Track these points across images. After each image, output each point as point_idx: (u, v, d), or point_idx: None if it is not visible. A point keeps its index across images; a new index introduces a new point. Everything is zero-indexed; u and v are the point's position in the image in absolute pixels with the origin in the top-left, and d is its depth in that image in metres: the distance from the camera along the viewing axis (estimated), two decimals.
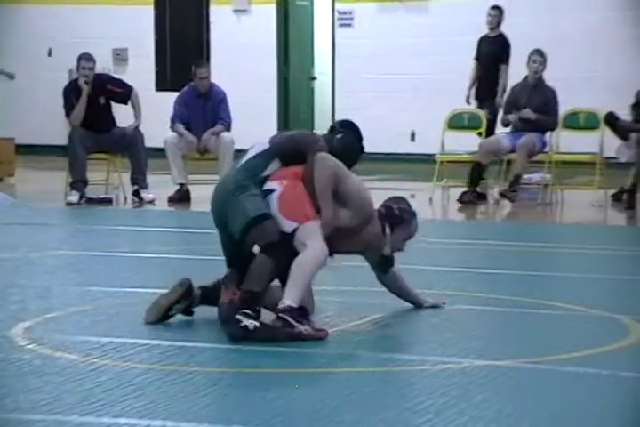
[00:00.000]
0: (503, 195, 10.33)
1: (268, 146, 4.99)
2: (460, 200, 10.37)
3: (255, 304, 4.80)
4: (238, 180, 4.88)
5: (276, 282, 4.94)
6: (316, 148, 4.94)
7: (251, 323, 4.69)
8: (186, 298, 4.99)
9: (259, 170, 4.92)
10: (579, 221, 9.45)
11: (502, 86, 11.45)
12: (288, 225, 4.83)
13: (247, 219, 4.79)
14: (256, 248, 4.95)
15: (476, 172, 10.44)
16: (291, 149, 4.96)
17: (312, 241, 4.79)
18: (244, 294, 4.83)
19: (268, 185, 4.92)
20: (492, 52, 11.59)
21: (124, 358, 4.39)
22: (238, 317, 4.73)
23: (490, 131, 11.51)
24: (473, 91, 11.63)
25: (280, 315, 4.75)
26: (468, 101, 11.75)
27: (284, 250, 4.80)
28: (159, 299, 5.00)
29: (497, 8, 11.88)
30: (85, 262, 6.84)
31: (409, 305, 5.41)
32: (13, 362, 4.33)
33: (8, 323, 4.97)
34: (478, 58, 11.71)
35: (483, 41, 11.75)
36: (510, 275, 6.43)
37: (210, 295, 5.03)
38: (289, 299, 4.77)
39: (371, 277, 5.40)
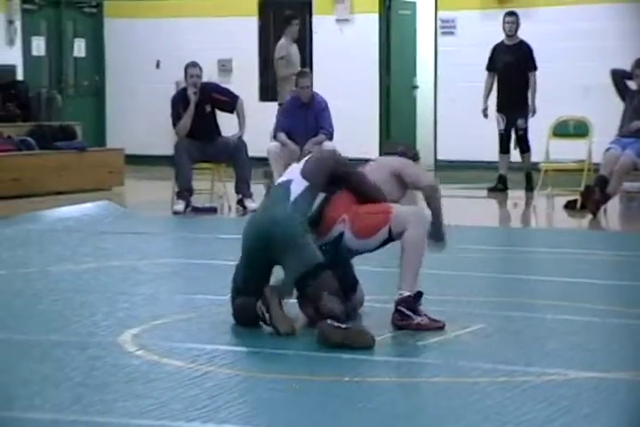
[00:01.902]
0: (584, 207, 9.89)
1: (306, 183, 5.12)
2: (566, 207, 10.21)
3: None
4: (291, 219, 4.97)
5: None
6: (344, 166, 5.28)
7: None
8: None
9: (308, 209, 5.09)
10: None
11: (534, 94, 11.23)
12: (382, 234, 5.05)
13: (307, 267, 4.87)
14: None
15: (601, 184, 9.67)
16: (327, 179, 5.18)
17: (410, 224, 5.02)
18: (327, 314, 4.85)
19: (335, 230, 5.07)
20: (516, 59, 11.28)
21: (229, 365, 4.46)
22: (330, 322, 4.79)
23: (526, 142, 11.33)
24: (490, 102, 11.43)
25: (398, 307, 4.91)
26: (485, 114, 11.54)
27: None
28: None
29: (513, 14, 11.64)
30: (191, 271, 6.96)
31: (511, 315, 5.37)
32: (122, 368, 4.43)
33: (116, 329, 5.09)
34: (493, 67, 11.37)
35: (500, 50, 11.39)
36: (618, 286, 6.33)
37: None
38: (406, 288, 4.96)
39: (472, 286, 5.37)
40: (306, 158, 5.35)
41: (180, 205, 10.14)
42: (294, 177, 5.20)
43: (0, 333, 5.08)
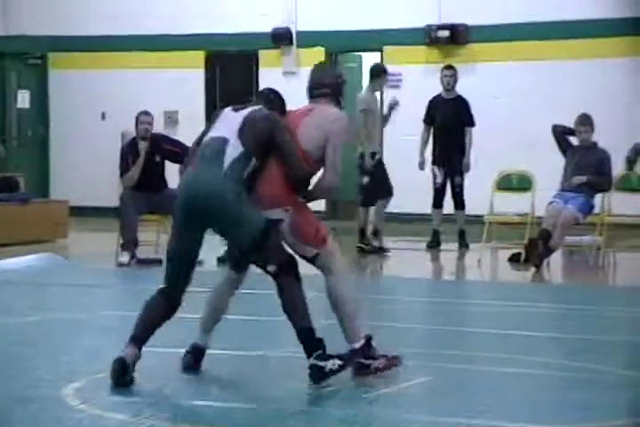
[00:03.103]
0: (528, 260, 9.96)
1: (242, 149, 5.07)
2: (511, 260, 10.30)
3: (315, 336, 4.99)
4: (230, 186, 5.01)
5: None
6: (281, 133, 5.17)
7: (333, 364, 4.94)
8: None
9: (241, 171, 5.07)
10: (632, 284, 9.37)
11: (469, 150, 11.30)
12: (309, 251, 5.16)
13: (256, 233, 5.00)
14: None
15: (544, 238, 9.74)
16: (263, 148, 5.13)
17: (337, 267, 5.18)
18: (304, 334, 4.98)
19: (273, 214, 5.09)
20: (454, 114, 11.36)
21: (172, 419, 4.42)
22: (315, 362, 4.93)
23: (462, 199, 11.42)
24: (427, 155, 11.56)
25: (357, 361, 5.02)
26: (422, 167, 11.65)
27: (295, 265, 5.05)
28: None
29: (451, 68, 11.80)
30: (134, 323, 6.89)
31: (455, 368, 5.40)
32: (64, 422, 4.38)
33: (59, 383, 5.03)
34: (429, 121, 11.45)
35: (438, 103, 11.46)
36: (561, 338, 6.38)
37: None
38: (354, 341, 5.10)
39: (417, 338, 5.39)
40: (245, 114, 5.17)
41: (125, 257, 10.08)
42: (230, 137, 5.11)
43: None
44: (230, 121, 5.19)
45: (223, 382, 5.19)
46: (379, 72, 11.41)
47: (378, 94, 11.74)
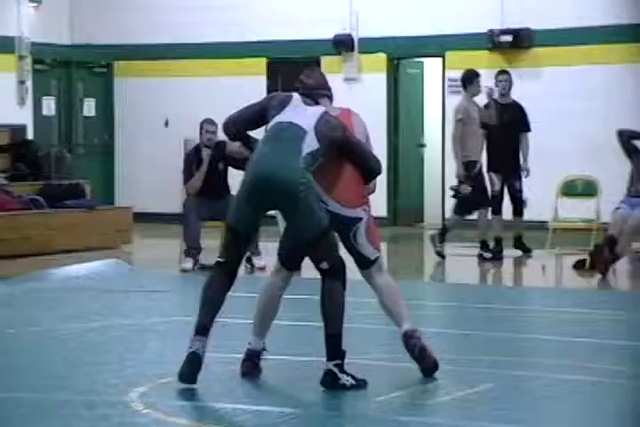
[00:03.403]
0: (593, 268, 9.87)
1: (317, 146, 5.22)
2: (576, 267, 10.19)
3: (341, 345, 5.07)
4: (304, 176, 5.14)
5: None
6: (354, 144, 5.43)
7: (347, 380, 4.99)
8: None
9: (312, 166, 5.21)
10: None
11: (526, 155, 11.10)
12: (373, 253, 5.39)
13: (319, 230, 5.12)
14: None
15: (610, 244, 9.65)
16: (333, 150, 5.31)
17: (384, 270, 5.47)
18: (332, 340, 5.04)
19: (355, 212, 5.32)
20: (510, 119, 11.17)
21: (237, 424, 4.44)
22: (333, 369, 4.99)
23: (521, 204, 11.22)
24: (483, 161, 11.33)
25: (415, 341, 5.25)
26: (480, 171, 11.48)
27: (344, 270, 5.22)
28: None
29: (506, 73, 11.63)
30: None
31: (519, 375, 5.35)
32: None
33: (124, 388, 5.08)
34: (484, 125, 11.16)
35: (492, 108, 11.27)
36: (627, 346, 6.29)
37: None
38: (411, 323, 5.32)
39: (480, 345, 5.34)
40: (319, 115, 5.33)
41: (189, 263, 10.15)
42: (309, 130, 5.25)
43: (8, 391, 5.08)
44: (303, 114, 5.33)
45: (283, 387, 5.21)
46: (470, 78, 11.16)
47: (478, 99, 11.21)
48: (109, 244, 12.18)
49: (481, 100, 11.39)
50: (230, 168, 10.47)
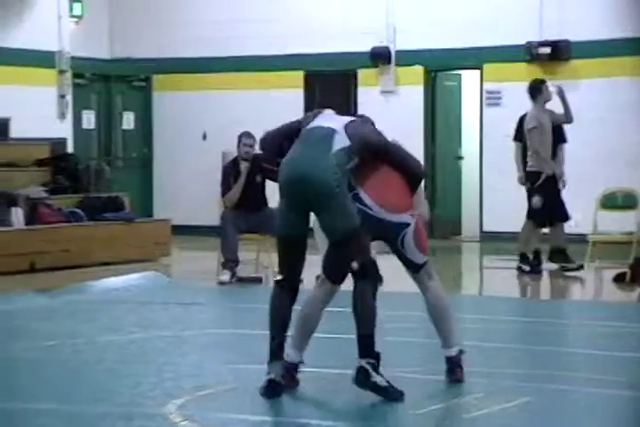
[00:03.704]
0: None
1: (349, 142, 5.24)
2: (616, 280, 10.11)
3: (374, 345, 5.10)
4: (336, 172, 5.14)
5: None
6: (389, 147, 5.43)
7: (381, 380, 5.04)
8: None
9: (345, 164, 5.20)
10: None
11: (562, 166, 10.93)
12: (421, 258, 5.43)
13: (351, 228, 5.14)
14: None
15: None
16: (369, 152, 5.32)
17: (435, 278, 5.51)
18: (364, 340, 5.08)
19: (400, 217, 5.32)
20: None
21: None
22: (366, 367, 5.04)
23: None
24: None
25: (458, 363, 5.30)
26: (522, 182, 11.31)
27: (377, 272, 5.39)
28: None
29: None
30: (237, 341, 6.97)
31: (557, 389, 5.32)
32: None
33: (162, 400, 5.10)
34: (521, 138, 11.06)
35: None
36: None
37: None
38: (456, 345, 5.38)
39: (518, 358, 5.31)
40: (351, 118, 5.41)
41: (226, 276, 10.18)
42: (338, 129, 5.29)
43: (47, 403, 5.12)
44: (335, 118, 5.39)
45: (321, 400, 5.20)
46: (538, 87, 10.99)
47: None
48: (148, 256, 12.25)
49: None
50: (268, 181, 10.51)
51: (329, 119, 5.37)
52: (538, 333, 7.44)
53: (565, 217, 10.84)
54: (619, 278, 10.07)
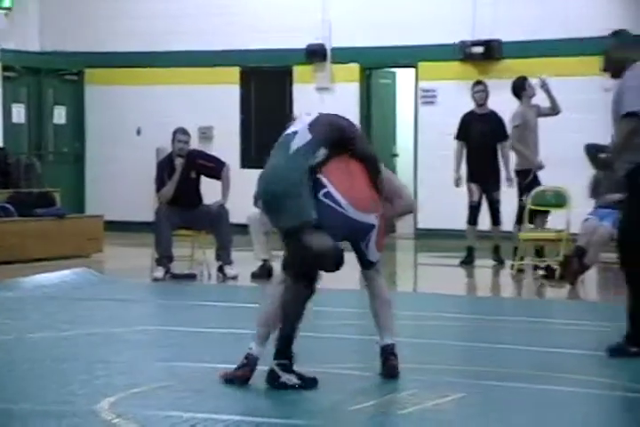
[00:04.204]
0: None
1: (310, 136, 5.27)
2: (546, 277, 10.23)
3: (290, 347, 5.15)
4: (294, 167, 5.18)
5: None
6: (357, 133, 5.42)
7: (289, 379, 5.11)
8: None
9: (309, 159, 5.22)
10: None
11: (508, 164, 11.15)
12: (377, 256, 5.43)
13: (299, 221, 5.14)
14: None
15: (579, 255, 9.66)
16: (334, 139, 5.31)
17: (382, 274, 5.54)
18: (282, 340, 5.16)
19: (369, 218, 5.29)
20: (489, 129, 11.22)
21: None
22: (275, 369, 5.12)
23: (498, 214, 11.23)
24: (462, 172, 11.34)
25: (392, 352, 5.35)
26: (457, 184, 11.46)
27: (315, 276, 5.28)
28: None
29: (481, 83, 11.69)
30: (170, 338, 6.92)
31: (490, 385, 5.36)
32: None
33: (94, 398, 5.04)
34: (463, 137, 11.29)
35: (471, 119, 11.33)
36: (597, 356, 6.31)
37: None
38: (393, 336, 5.41)
39: (451, 354, 5.35)
40: (317, 114, 5.44)
41: (160, 272, 10.11)
42: (300, 129, 5.33)
43: None
44: (302, 120, 5.43)
45: (254, 397, 5.17)
46: (521, 84, 11.01)
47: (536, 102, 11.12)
48: (80, 252, 12.12)
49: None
50: (203, 177, 10.46)
51: (296, 123, 5.41)
52: (472, 329, 7.50)
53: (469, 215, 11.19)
54: (549, 275, 10.19)
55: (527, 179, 10.90)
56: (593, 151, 10.20)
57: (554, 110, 11.16)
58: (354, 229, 5.28)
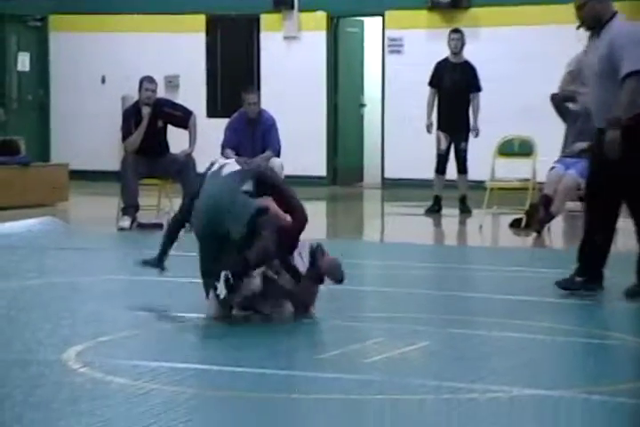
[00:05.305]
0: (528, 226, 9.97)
1: (238, 167, 5.62)
2: (512, 226, 10.29)
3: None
4: (231, 187, 5.49)
5: None
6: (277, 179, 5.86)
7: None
8: None
9: (239, 183, 5.55)
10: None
11: (476, 115, 11.15)
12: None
13: (253, 210, 5.38)
14: None
15: (545, 204, 9.67)
16: (257, 175, 5.61)
17: None
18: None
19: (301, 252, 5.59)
20: (462, 79, 11.23)
21: (174, 383, 4.42)
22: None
23: (465, 163, 11.31)
24: (433, 119, 11.34)
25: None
26: (429, 130, 11.45)
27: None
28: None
29: (458, 31, 11.63)
30: (136, 287, 6.91)
31: (456, 333, 5.40)
32: (65, 386, 4.38)
33: (60, 347, 5.02)
34: (436, 84, 11.25)
35: (445, 67, 11.27)
36: (563, 303, 6.38)
37: None
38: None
39: (417, 303, 5.37)
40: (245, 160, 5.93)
41: (126, 222, 10.06)
42: (230, 162, 5.75)
43: None
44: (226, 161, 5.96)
45: (219, 345, 5.19)
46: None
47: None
48: (45, 201, 12.03)
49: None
50: (170, 126, 10.37)
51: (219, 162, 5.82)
52: (438, 278, 7.54)
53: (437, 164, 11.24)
54: (515, 224, 10.24)
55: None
56: (560, 101, 10.23)
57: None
58: None
